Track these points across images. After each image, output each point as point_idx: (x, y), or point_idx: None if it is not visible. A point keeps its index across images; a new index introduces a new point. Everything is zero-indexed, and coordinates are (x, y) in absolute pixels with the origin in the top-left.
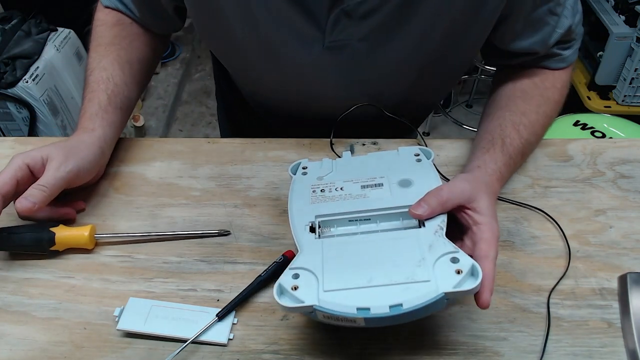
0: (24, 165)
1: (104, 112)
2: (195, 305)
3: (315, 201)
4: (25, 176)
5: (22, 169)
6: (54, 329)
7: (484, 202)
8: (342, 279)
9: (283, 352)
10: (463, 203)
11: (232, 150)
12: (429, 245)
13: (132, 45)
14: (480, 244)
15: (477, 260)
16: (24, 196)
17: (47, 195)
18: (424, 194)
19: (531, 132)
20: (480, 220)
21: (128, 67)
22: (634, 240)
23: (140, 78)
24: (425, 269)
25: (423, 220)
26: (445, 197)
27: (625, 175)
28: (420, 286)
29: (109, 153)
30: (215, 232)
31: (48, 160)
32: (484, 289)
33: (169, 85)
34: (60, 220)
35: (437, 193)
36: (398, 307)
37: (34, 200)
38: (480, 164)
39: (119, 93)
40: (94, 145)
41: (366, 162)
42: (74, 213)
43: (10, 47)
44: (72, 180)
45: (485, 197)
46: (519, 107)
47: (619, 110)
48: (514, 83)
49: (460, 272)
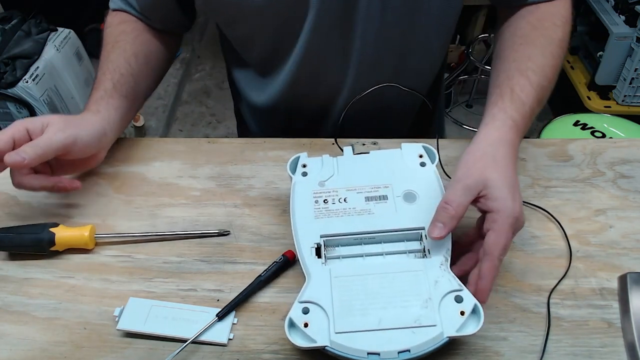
0: (23, 128)
1: (108, 97)
2: (195, 305)
3: (320, 215)
4: (22, 138)
5: (20, 131)
6: (54, 329)
7: (494, 182)
8: (352, 321)
9: (283, 352)
10: (474, 198)
11: (232, 150)
12: (434, 280)
13: (137, 39)
14: (487, 238)
15: (482, 257)
16: (15, 151)
17: (39, 153)
18: (428, 209)
19: (542, 76)
20: (491, 207)
21: (134, 60)
22: (634, 240)
23: (148, 71)
24: (432, 311)
25: (428, 248)
26: (454, 209)
27: (625, 175)
28: (427, 331)
29: (112, 136)
30: (215, 232)
31: (48, 125)
32: (480, 291)
33: (169, 85)
34: (53, 190)
35: (445, 208)
36: (406, 352)
37: (24, 155)
38: (488, 120)
39: (125, 82)
40: (97, 123)
41: (369, 164)
42: (68, 185)
43: (10, 47)
44: (68, 148)
45: (494, 175)
46: (524, 53)
47: (619, 110)
48: (512, 31)
49: (464, 313)
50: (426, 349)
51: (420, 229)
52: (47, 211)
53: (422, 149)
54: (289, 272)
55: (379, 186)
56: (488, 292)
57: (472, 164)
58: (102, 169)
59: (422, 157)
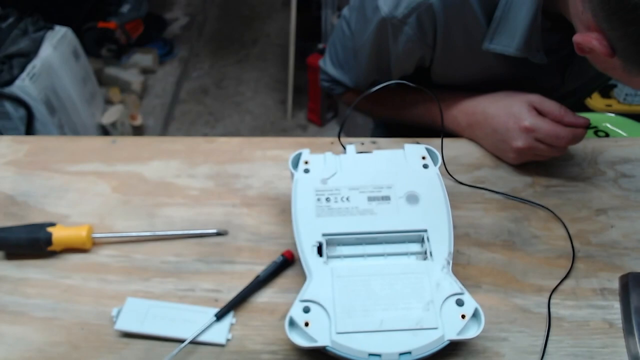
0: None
1: None
2: (194, 305)
3: (322, 214)
4: None
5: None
6: (51, 329)
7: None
8: (354, 321)
9: (281, 353)
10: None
11: (230, 149)
12: (436, 283)
13: None
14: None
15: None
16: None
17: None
18: (431, 212)
19: None
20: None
21: None
22: (635, 240)
23: None
24: (433, 314)
25: (430, 251)
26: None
27: (626, 174)
28: (428, 333)
29: None
30: (213, 232)
31: None
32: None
33: (166, 84)
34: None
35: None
36: (407, 354)
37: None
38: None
39: None
40: None
41: (372, 163)
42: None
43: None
44: None
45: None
46: None
47: (621, 108)
48: None
49: (465, 316)
50: (427, 351)
51: (422, 231)
52: (44, 211)
53: (424, 150)
54: (288, 272)
55: (382, 186)
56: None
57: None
58: (99, 168)
59: (425, 158)
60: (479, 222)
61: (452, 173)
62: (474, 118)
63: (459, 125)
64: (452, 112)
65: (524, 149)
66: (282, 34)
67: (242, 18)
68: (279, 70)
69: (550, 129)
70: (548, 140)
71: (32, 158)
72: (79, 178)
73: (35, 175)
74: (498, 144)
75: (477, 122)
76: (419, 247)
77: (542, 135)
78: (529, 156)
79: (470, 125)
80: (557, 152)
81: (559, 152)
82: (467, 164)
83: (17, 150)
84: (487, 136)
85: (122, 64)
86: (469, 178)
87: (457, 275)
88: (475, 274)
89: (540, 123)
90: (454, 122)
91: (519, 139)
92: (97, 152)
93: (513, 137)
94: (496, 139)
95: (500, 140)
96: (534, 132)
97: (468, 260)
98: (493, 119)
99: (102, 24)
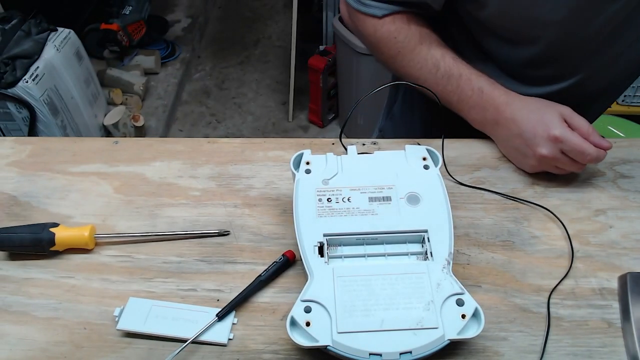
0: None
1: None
2: (195, 305)
3: (322, 214)
4: None
5: None
6: (54, 329)
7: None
8: (355, 321)
9: (283, 352)
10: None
11: (231, 150)
12: (437, 283)
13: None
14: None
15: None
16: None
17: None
18: (432, 212)
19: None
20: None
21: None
22: (634, 240)
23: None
24: (434, 313)
25: (430, 251)
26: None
27: (625, 175)
28: (429, 333)
29: None
30: (215, 232)
31: None
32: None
33: (169, 85)
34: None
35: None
36: (407, 354)
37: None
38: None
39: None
40: None
41: (373, 164)
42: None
43: (10, 47)
44: None
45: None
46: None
47: (619, 110)
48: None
49: (465, 316)
50: (427, 350)
51: (423, 232)
52: (47, 211)
53: (425, 151)
54: (289, 272)
55: (383, 187)
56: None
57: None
58: (102, 169)
59: (426, 159)
60: (479, 223)
61: (453, 174)
62: (503, 116)
63: (484, 118)
64: (483, 103)
65: (548, 157)
66: (283, 35)
67: (243, 20)
68: (280, 72)
69: (578, 143)
70: (573, 154)
71: (34, 159)
72: (82, 179)
73: (38, 176)
74: (520, 148)
75: (504, 121)
76: (420, 247)
77: (568, 147)
78: (547, 166)
79: (496, 122)
80: (576, 168)
81: (578, 168)
82: (468, 164)
83: (20, 151)
84: (509, 138)
85: (125, 66)
86: (469, 179)
87: (457, 275)
88: (475, 274)
89: (569, 135)
90: (480, 113)
91: (545, 147)
92: (100, 153)
93: (538, 144)
94: (519, 143)
95: (523, 144)
96: (561, 142)
97: (468, 260)
98: (521, 122)
99: (104, 26)
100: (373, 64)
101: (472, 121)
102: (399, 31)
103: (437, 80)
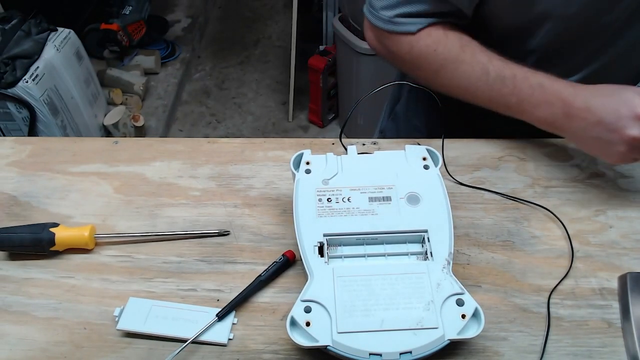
0: None
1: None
2: (195, 305)
3: (322, 214)
4: None
5: None
6: (54, 329)
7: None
8: (355, 321)
9: (283, 352)
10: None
11: (231, 150)
12: (437, 283)
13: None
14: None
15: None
16: None
17: None
18: (432, 212)
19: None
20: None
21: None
22: (634, 240)
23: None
24: (434, 313)
25: (430, 251)
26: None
27: (625, 175)
28: (429, 333)
29: None
30: (215, 232)
31: None
32: None
33: (169, 85)
34: None
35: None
36: (407, 354)
37: None
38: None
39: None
40: None
41: (373, 164)
42: None
43: (10, 47)
44: None
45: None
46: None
47: None
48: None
49: (465, 316)
50: (427, 350)
51: (423, 232)
52: (47, 211)
53: (425, 151)
54: (289, 272)
55: (383, 187)
56: None
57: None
58: (102, 169)
59: (426, 159)
60: (479, 223)
61: (453, 174)
62: (575, 107)
63: (552, 114)
64: (547, 98)
65: (639, 138)
66: (283, 35)
67: (243, 20)
68: (280, 72)
69: None
70: None
71: (34, 159)
72: (82, 179)
73: (38, 176)
74: (602, 136)
75: (577, 111)
76: (420, 247)
77: None
78: (637, 151)
79: (567, 115)
80: None
81: None
82: (468, 164)
83: (20, 151)
84: (587, 128)
85: (125, 66)
86: (469, 179)
87: (457, 275)
88: (475, 274)
89: None
90: (547, 110)
91: (635, 127)
92: (100, 153)
93: (626, 126)
94: (600, 131)
95: (607, 131)
96: None
97: (468, 260)
98: (598, 108)
99: (104, 26)
100: (373, 64)
101: (537, 121)
102: (438, 43)
103: (490, 85)
